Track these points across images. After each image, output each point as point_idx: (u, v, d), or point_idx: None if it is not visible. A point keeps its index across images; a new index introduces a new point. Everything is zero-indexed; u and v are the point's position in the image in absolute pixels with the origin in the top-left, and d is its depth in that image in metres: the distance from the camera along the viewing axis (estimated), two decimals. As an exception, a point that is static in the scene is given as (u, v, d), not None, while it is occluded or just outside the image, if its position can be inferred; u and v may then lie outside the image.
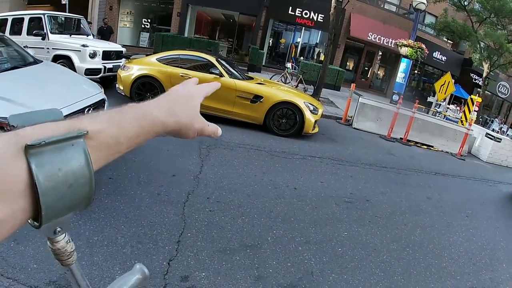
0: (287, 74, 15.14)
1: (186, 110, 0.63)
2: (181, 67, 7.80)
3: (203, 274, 3.08)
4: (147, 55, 8.59)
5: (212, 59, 7.91)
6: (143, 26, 21.96)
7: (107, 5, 20.48)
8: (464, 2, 19.73)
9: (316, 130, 8.22)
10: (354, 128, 10.87)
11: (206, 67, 7.87)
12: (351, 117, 11.31)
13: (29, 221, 0.43)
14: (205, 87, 0.73)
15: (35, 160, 0.40)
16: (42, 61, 5.68)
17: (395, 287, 3.56)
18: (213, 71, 7.73)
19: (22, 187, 0.39)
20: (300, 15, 20.52)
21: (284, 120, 7.85)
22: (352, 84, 12.27)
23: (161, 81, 7.68)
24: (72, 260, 0.56)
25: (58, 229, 0.49)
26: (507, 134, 17.72)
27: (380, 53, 23.97)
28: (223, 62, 8.24)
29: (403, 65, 14.83)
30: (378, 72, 25.16)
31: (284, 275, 3.30)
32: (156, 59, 7.99)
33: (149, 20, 21.91)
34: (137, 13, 21.84)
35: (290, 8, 20.34)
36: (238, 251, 3.49)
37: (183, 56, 8.07)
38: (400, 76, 14.95)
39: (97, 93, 4.93)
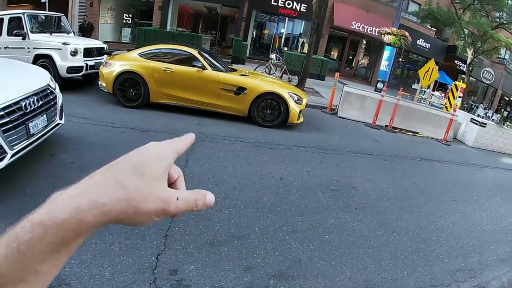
0: (271, 65, 15.14)
1: (117, 188, 0.42)
2: (163, 61, 7.74)
3: (192, 267, 3.10)
4: (128, 50, 8.50)
5: (195, 52, 7.86)
6: (124, 21, 21.71)
7: (87, 2, 20.14)
8: (448, -12, 19.90)
9: (301, 120, 8.25)
10: (339, 117, 10.93)
11: (188, 60, 7.81)
12: (336, 106, 11.36)
13: None
14: (174, 144, 0.53)
15: None
16: None
17: (383, 272, 3.61)
18: (195, 64, 7.68)
19: None
20: (283, 5, 20.47)
21: (268, 111, 7.86)
22: (336, 73, 12.31)
23: (144, 76, 7.60)
24: None
25: None
26: (492, 119, 17.97)
27: (364, 42, 24.06)
28: (206, 55, 8.19)
29: (387, 53, 14.89)
30: (363, 61, 25.27)
31: (272, 264, 3.33)
32: (138, 54, 7.91)
33: (130, 15, 21.67)
34: (118, 9, 21.55)
35: (273, -2, 20.29)
36: (226, 242, 3.51)
37: (165, 50, 8.01)
38: (384, 64, 15.02)
39: (39, 82, 4.33)
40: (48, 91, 4.36)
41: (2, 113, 3.51)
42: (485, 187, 7.64)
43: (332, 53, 23.89)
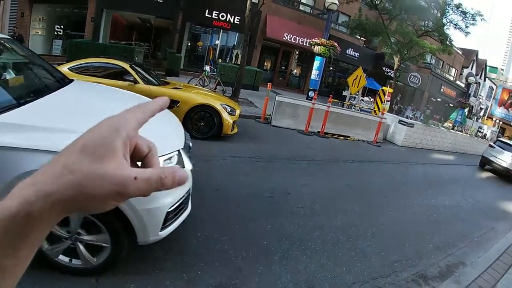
0: (205, 77, 15.23)
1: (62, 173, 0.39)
2: (94, 76, 7.50)
3: (133, 285, 3.05)
4: (59, 64, 8.19)
5: (126, 66, 7.73)
6: (56, 33, 20.55)
7: (18, 12, 18.87)
8: (376, 1, 21.13)
9: (236, 130, 8.39)
10: (273, 125, 11.22)
11: (120, 74, 7.65)
12: (270, 115, 11.66)
13: None
14: (135, 112, 0.45)
15: None
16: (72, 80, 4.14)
17: (323, 270, 3.79)
18: (127, 78, 7.53)
19: None
20: (217, 17, 20.68)
21: (202, 123, 7.89)
22: (269, 83, 12.63)
23: (74, 91, 7.35)
24: None
25: None
26: (420, 119, 19.30)
27: (297, 53, 24.88)
28: (138, 68, 8.08)
29: (317, 63, 15.52)
30: (295, 71, 26.10)
31: (213, 275, 3.36)
32: (68, 68, 7.62)
33: (62, 27, 20.58)
34: (50, 20, 20.41)
35: (207, 11, 20.41)
36: (165, 258, 3.50)
37: (96, 64, 7.81)
38: (315, 73, 15.63)
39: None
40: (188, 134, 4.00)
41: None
42: (415, 182, 8.24)
43: (265, 64, 24.44)
